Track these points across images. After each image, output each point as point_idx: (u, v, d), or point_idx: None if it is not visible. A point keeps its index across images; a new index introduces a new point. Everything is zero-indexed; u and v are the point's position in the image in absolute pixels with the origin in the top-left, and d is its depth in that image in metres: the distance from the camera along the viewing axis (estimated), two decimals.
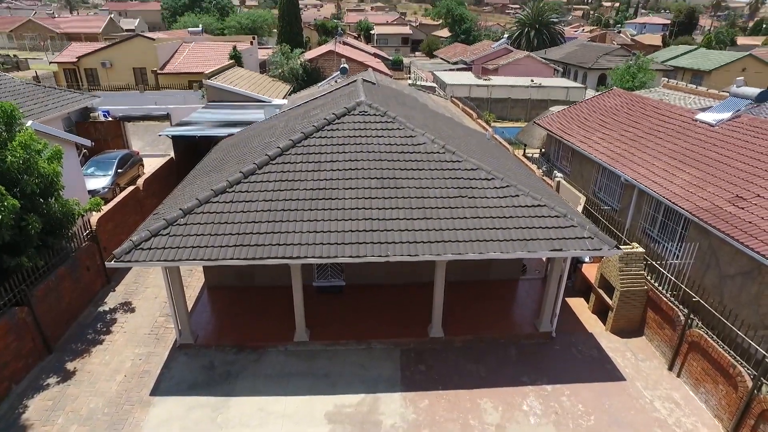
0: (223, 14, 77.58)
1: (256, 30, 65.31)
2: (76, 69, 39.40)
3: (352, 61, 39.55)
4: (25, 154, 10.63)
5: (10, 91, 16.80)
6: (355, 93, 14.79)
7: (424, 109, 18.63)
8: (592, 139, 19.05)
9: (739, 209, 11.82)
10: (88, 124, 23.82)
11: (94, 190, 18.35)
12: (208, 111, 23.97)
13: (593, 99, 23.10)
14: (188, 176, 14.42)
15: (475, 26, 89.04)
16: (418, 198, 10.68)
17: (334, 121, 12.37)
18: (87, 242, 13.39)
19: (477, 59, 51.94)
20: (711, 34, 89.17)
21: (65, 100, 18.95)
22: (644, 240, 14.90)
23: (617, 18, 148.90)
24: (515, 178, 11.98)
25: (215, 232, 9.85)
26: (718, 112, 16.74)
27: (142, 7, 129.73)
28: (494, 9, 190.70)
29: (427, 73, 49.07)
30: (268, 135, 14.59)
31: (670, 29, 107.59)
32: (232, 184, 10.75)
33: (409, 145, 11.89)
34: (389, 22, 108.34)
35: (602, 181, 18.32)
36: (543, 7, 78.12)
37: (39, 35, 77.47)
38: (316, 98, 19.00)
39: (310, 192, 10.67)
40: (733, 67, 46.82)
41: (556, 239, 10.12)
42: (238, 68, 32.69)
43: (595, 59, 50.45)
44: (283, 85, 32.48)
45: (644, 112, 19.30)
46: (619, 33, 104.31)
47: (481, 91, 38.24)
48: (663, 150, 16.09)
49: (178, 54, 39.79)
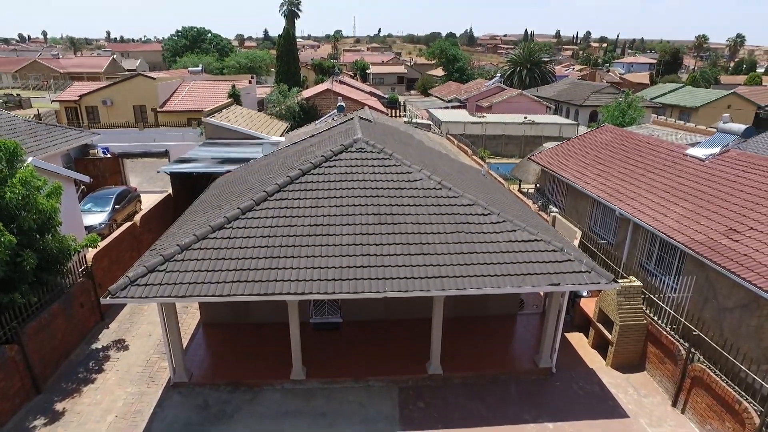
0: (223, 54, 79.52)
1: (255, 69, 66.81)
2: (77, 107, 40.04)
3: (348, 99, 40.34)
4: (25, 190, 10.69)
5: (12, 129, 17.01)
6: (352, 130, 15.05)
7: (420, 146, 18.93)
8: (586, 174, 19.33)
9: (734, 242, 11.92)
10: (87, 160, 24.04)
11: (91, 225, 18.35)
12: (206, 148, 24.24)
13: (586, 135, 23.56)
14: (186, 212, 14.46)
15: (469, 65, 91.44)
16: (415, 234, 10.73)
17: (332, 158, 12.54)
18: (82, 278, 13.28)
19: (471, 97, 53.05)
20: (696, 73, 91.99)
21: (65, 138, 19.14)
22: (641, 273, 14.91)
23: (605, 57, 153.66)
24: (511, 213, 12.08)
25: (213, 268, 9.81)
26: (707, 148, 17.10)
27: (143, 48, 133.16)
28: (486, 49, 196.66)
29: (422, 111, 50.01)
30: (265, 172, 14.74)
31: (657, 68, 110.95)
32: (230, 220, 10.79)
33: (406, 181, 12.03)
34: (385, 61, 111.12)
35: (597, 216, 18.48)
36: (534, 47, 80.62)
37: (42, 75, 79.11)
38: (313, 136, 19.30)
39: (308, 228, 10.71)
40: (718, 104, 48.07)
41: (553, 273, 10.13)
42: (237, 106, 33.28)
43: (586, 97, 51.68)
44: (280, 123, 33.00)
45: (636, 148, 19.68)
46: (608, 72, 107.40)
47: (476, 128, 38.95)
48: (656, 184, 16.33)
49: (178, 92, 40.57)
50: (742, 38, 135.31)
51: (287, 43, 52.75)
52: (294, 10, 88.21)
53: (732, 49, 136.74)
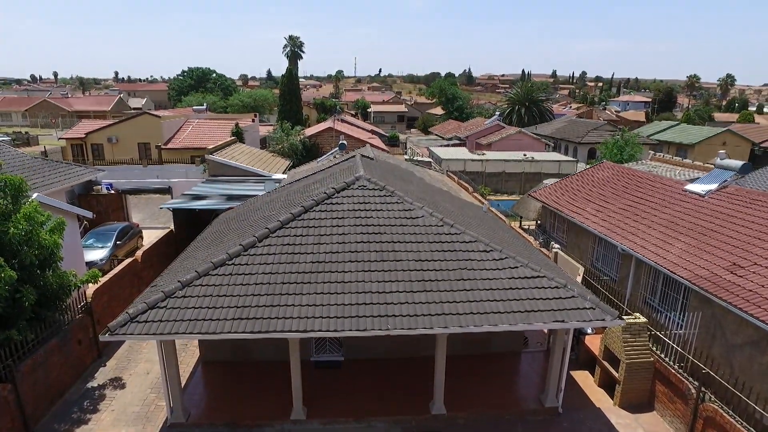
0: (227, 94, 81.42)
1: (258, 108, 68.18)
2: (83, 144, 40.67)
3: (350, 137, 40.91)
4: (28, 225, 10.72)
5: (19, 166, 17.26)
6: (354, 168, 15.22)
7: (421, 183, 19.10)
8: (587, 210, 19.41)
9: (738, 277, 11.85)
10: (90, 196, 24.21)
11: (92, 261, 18.30)
12: (208, 185, 24.45)
13: (585, 172, 23.79)
14: (188, 249, 14.46)
15: (468, 104, 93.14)
16: (417, 271, 10.68)
17: (334, 195, 12.62)
18: (81, 314, 13.15)
19: (471, 135, 53.81)
20: (690, 111, 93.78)
21: (70, 174, 19.40)
22: (646, 310, 14.75)
23: (601, 96, 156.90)
24: (513, 250, 12.07)
25: (214, 305, 9.73)
26: (706, 183, 17.24)
27: (150, 88, 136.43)
28: (485, 88, 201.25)
29: (422, 148, 50.67)
30: (268, 208, 14.82)
31: (652, 106, 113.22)
32: (232, 257, 10.77)
33: (408, 218, 12.08)
34: (385, 100, 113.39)
35: (599, 252, 18.44)
36: (531, 86, 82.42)
37: (51, 114, 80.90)
38: (315, 173, 19.50)
39: (310, 265, 10.67)
40: (714, 140, 48.75)
41: (557, 310, 10.03)
42: (240, 144, 33.78)
43: (584, 134, 52.46)
44: (282, 161, 33.40)
45: (635, 184, 19.84)
46: (605, 110, 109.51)
47: (476, 165, 39.37)
48: (656, 220, 16.38)
49: (182, 130, 41.26)
50: (732, 78, 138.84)
51: (290, 82, 54.03)
52: (297, 51, 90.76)
53: (723, 89, 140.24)
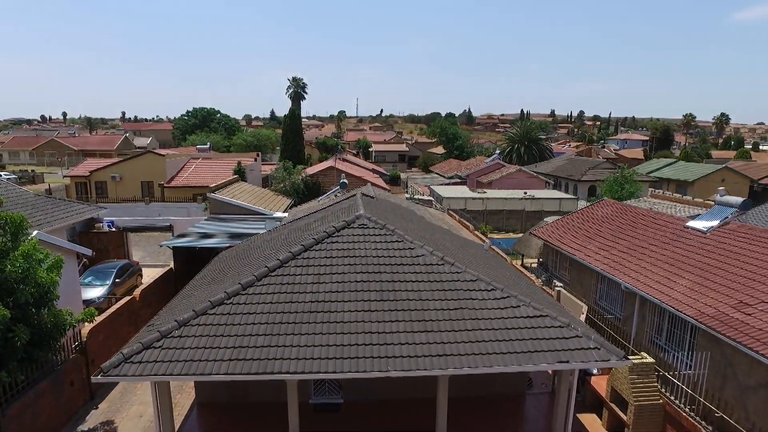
0: (230, 133, 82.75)
1: (261, 147, 69.12)
2: (87, 182, 41.11)
3: (351, 176, 41.27)
4: (26, 263, 10.64)
5: (22, 203, 17.38)
6: (354, 206, 15.26)
7: (421, 221, 19.11)
8: (589, 247, 19.31)
9: (747, 316, 11.63)
10: (91, 233, 24.24)
11: (90, 299, 18.13)
12: (210, 223, 24.48)
13: (586, 209, 23.83)
14: (187, 287, 14.33)
15: (468, 143, 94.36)
16: (418, 310, 10.52)
17: (334, 234, 12.59)
18: (74, 354, 12.89)
19: (471, 173, 54.28)
20: (688, 149, 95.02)
21: (72, 212, 19.48)
22: (652, 349, 14.43)
23: (600, 135, 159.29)
24: (515, 288, 11.92)
25: (210, 345, 9.53)
26: (707, 220, 17.21)
27: (155, 127, 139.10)
28: (485, 127, 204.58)
29: (423, 187, 51.01)
30: (268, 247, 14.78)
31: (650, 144, 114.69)
32: (231, 296, 10.64)
33: (408, 257, 11.99)
34: (387, 140, 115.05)
35: (602, 290, 18.22)
36: (530, 125, 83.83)
37: (58, 152, 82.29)
38: (316, 212, 19.56)
39: (309, 305, 10.53)
40: (712, 177, 49.09)
41: (561, 350, 9.80)
42: (242, 183, 34.06)
43: (583, 172, 52.91)
44: (284, 199, 33.60)
45: (636, 221, 19.82)
46: (603, 148, 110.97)
47: (477, 203, 39.52)
48: (659, 257, 16.25)
49: (185, 169, 41.73)
50: (727, 117, 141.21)
51: (293, 122, 55.03)
52: (300, 92, 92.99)
53: (718, 127, 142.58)
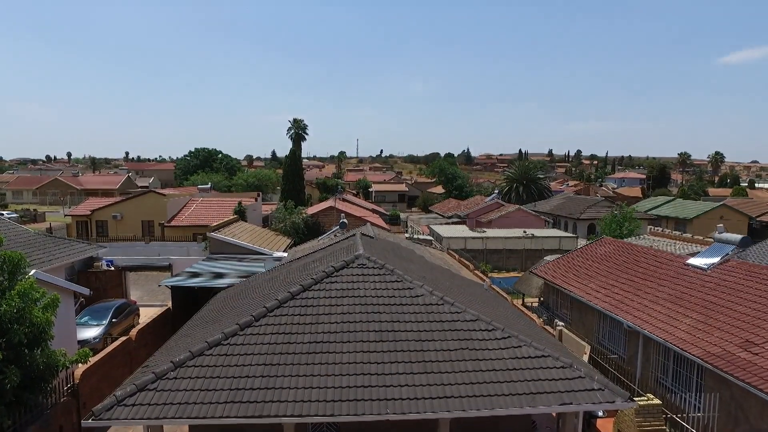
0: (232, 173, 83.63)
1: (261, 187, 69.73)
2: (89, 221, 41.30)
3: (351, 216, 41.36)
4: (21, 302, 10.49)
5: (22, 242, 17.41)
6: (353, 246, 15.29)
7: (421, 261, 19.09)
8: (590, 286, 19.20)
9: (754, 355, 11.44)
10: (90, 273, 24.14)
11: (85, 339, 17.90)
12: (209, 262, 24.43)
13: (586, 248, 23.83)
14: (184, 327, 14.17)
15: (467, 183, 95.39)
16: (417, 351, 10.38)
17: (333, 274, 12.56)
18: (66, 397, 12.56)
19: (471, 213, 54.58)
20: (685, 187, 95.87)
21: (71, 250, 19.47)
22: (659, 390, 14.12)
23: (597, 173, 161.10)
24: (516, 328, 11.80)
25: (206, 387, 9.34)
26: (707, 257, 17.19)
27: (157, 167, 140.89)
28: (483, 167, 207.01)
29: (423, 226, 51.17)
30: (267, 287, 14.72)
31: (647, 182, 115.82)
32: (228, 337, 10.51)
33: (408, 297, 11.92)
34: (386, 180, 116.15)
35: (605, 329, 17.99)
36: (529, 165, 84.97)
37: (60, 191, 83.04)
38: (315, 251, 19.57)
39: (308, 345, 10.39)
40: (711, 215, 49.40)
41: (564, 392, 9.60)
42: (242, 222, 34.18)
43: (582, 210, 53.19)
44: (284, 239, 33.63)
45: (637, 259, 19.79)
46: (602, 186, 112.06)
47: (477, 243, 39.52)
48: (661, 295, 16.15)
49: (186, 208, 41.97)
50: (721, 155, 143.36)
51: (293, 163, 55.73)
52: (301, 133, 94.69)
53: (714, 165, 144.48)
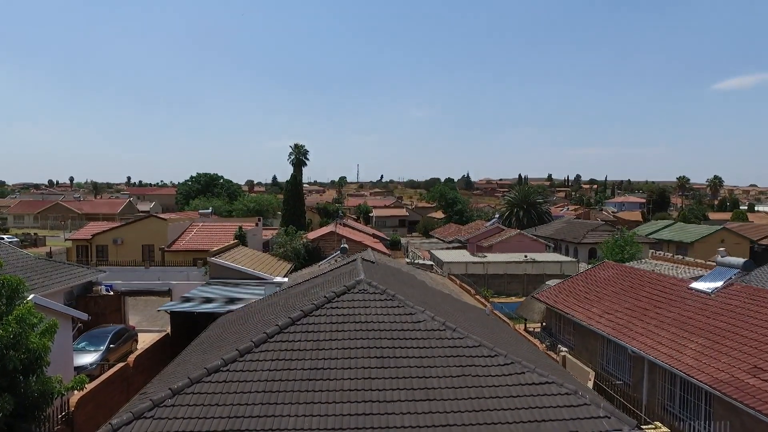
0: (233, 198, 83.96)
1: (262, 212, 69.81)
2: (89, 245, 41.25)
3: (351, 241, 41.25)
4: (18, 328, 10.37)
5: (21, 266, 17.40)
6: (354, 271, 15.22)
7: (422, 286, 18.98)
8: (593, 310, 19.04)
9: (763, 382, 11.26)
10: (89, 297, 23.95)
11: (82, 366, 17.64)
12: (209, 287, 24.29)
13: (587, 272, 23.73)
14: (182, 353, 14.00)
15: (468, 208, 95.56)
16: (419, 378, 10.21)
17: (334, 299, 12.45)
18: (60, 426, 12.32)
19: (471, 238, 54.52)
20: (685, 210, 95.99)
21: (71, 275, 19.43)
22: (666, 418, 13.85)
23: (597, 197, 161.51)
24: (519, 354, 11.64)
25: (204, 415, 9.16)
26: (710, 281, 17.10)
27: (158, 192, 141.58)
28: (484, 192, 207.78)
29: (424, 251, 51.06)
30: (267, 312, 14.61)
31: (647, 206, 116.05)
32: (227, 363, 10.36)
33: (409, 322, 11.80)
34: (387, 205, 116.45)
35: (609, 354, 17.76)
36: (529, 190, 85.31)
37: (62, 216, 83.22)
38: (316, 276, 19.48)
39: (308, 372, 10.24)
40: (712, 238, 49.31)
41: (569, 420, 9.39)
42: (242, 247, 34.11)
43: (583, 235, 53.13)
44: (284, 264, 33.51)
45: (639, 283, 19.68)
46: (602, 211, 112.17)
47: (478, 267, 39.38)
48: (665, 319, 15.99)
49: (187, 233, 41.96)
50: (720, 179, 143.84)
51: (294, 188, 55.98)
52: (301, 158, 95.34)
53: (713, 189, 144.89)
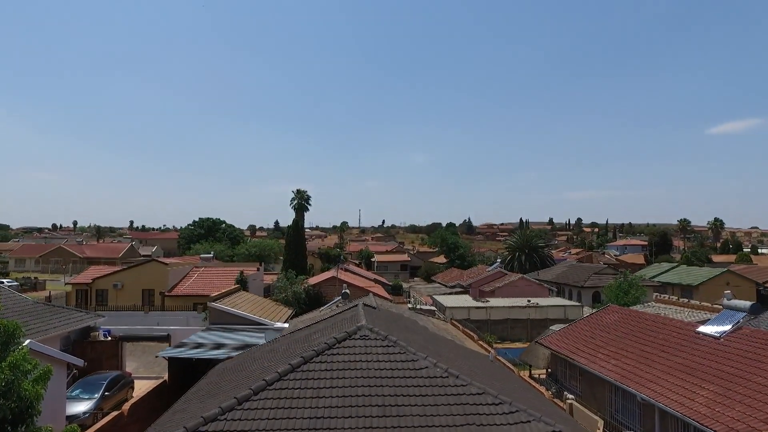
0: (235, 243, 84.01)
1: (264, 257, 69.67)
2: (89, 289, 41.02)
3: (353, 286, 40.95)
4: (11, 374, 10.13)
5: (20, 310, 17.32)
6: (356, 317, 15.08)
7: (424, 332, 18.74)
8: (599, 356, 18.66)
9: None
10: (86, 343, 23.55)
11: (75, 414, 17.17)
12: (208, 333, 23.99)
13: (592, 316, 23.41)
14: (179, 401, 13.66)
15: (469, 252, 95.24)
16: (422, 427, 9.90)
17: (335, 345, 12.28)
18: None
19: (473, 282, 54.10)
20: (687, 253, 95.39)
21: (69, 320, 19.27)
22: None
23: (599, 241, 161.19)
24: (525, 402, 11.34)
25: None
26: (718, 325, 16.83)
27: (161, 236, 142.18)
28: (485, 237, 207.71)
29: (426, 297, 50.58)
30: (267, 359, 14.37)
31: (650, 249, 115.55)
32: (225, 411, 10.09)
33: (411, 369, 11.57)
34: (389, 250, 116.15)
35: (618, 402, 17.26)
36: (530, 234, 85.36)
37: (63, 260, 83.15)
38: (317, 322, 19.29)
39: (308, 421, 9.96)
40: (717, 281, 48.73)
41: None
42: (243, 292, 33.88)
43: (586, 278, 52.71)
44: (285, 309, 33.18)
45: (645, 327, 19.38)
46: (604, 254, 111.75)
47: (480, 312, 38.89)
48: (673, 365, 15.64)
49: (188, 278, 41.78)
50: (721, 221, 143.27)
51: (296, 233, 56.12)
52: (303, 203, 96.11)
53: (714, 232, 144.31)
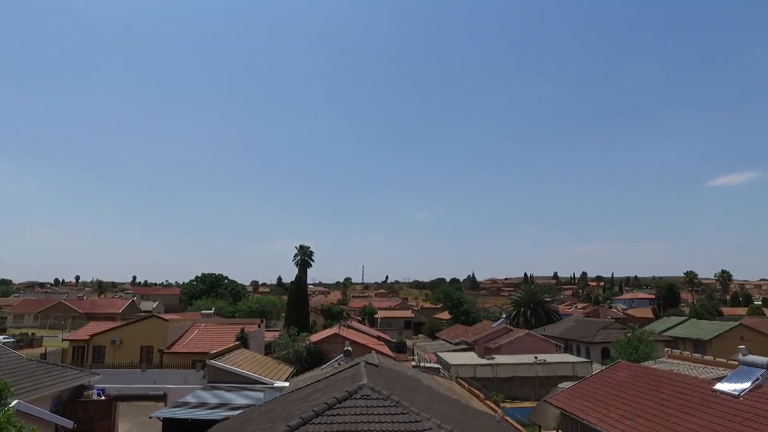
0: (236, 299, 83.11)
1: (266, 313, 68.65)
2: (86, 346, 40.17)
3: (355, 343, 40.14)
4: None
5: (12, 369, 17.01)
6: (357, 375, 14.71)
7: (428, 391, 18.18)
8: (611, 416, 17.88)
9: None
10: (78, 402, 22.71)
11: None
12: (206, 392, 23.33)
13: (602, 373, 22.68)
14: None
15: (474, 308, 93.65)
16: None
17: (335, 406, 11.87)
18: None
19: (478, 339, 52.94)
20: (696, 306, 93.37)
21: (62, 378, 18.83)
22: None
23: (605, 294, 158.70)
24: None
25: None
26: (736, 382, 16.16)
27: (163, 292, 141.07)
28: (489, 292, 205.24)
29: (430, 354, 49.40)
30: (265, 420, 13.87)
31: (657, 302, 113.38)
32: None
33: (415, 431, 11.14)
34: (392, 306, 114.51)
35: None
36: (535, 288, 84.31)
37: (63, 315, 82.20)
38: (318, 381, 18.81)
39: None
40: (729, 335, 47.36)
41: None
42: (243, 349, 33.19)
43: (594, 333, 51.50)
44: (286, 367, 32.39)
45: (658, 384, 18.70)
46: (611, 308, 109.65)
47: (486, 370, 37.79)
48: (691, 426, 14.92)
49: (188, 334, 40.98)
50: (728, 274, 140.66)
51: (298, 289, 55.73)
52: (306, 259, 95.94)
53: (722, 284, 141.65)
